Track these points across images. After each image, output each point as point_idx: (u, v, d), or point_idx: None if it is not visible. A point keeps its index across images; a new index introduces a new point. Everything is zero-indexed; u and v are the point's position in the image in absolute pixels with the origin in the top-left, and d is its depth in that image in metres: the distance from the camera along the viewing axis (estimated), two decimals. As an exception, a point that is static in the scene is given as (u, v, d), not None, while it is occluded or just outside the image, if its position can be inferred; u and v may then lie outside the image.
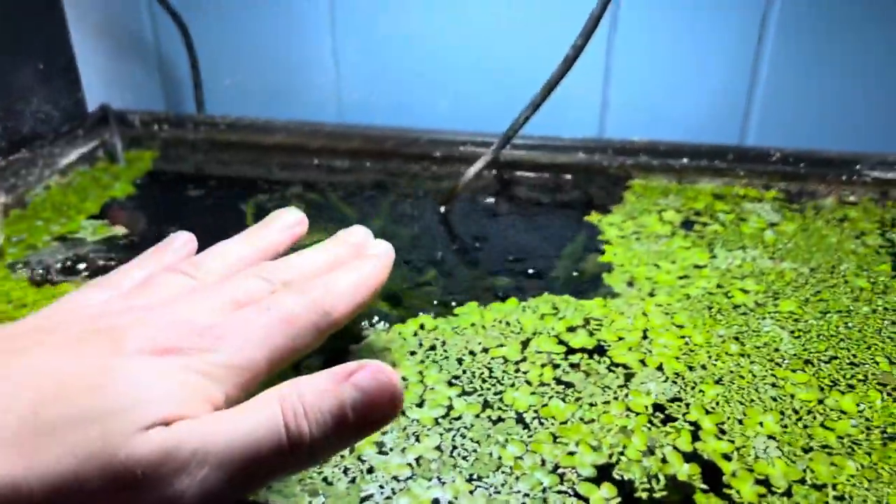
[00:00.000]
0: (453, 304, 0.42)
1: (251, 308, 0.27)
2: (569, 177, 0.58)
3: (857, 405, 0.35)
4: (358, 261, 0.31)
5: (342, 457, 0.31)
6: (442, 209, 0.54)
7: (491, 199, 0.56)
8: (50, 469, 0.20)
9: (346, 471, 0.30)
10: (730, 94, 0.61)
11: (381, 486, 0.30)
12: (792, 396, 0.35)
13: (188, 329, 0.25)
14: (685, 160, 0.56)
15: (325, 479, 0.30)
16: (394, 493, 0.29)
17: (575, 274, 0.46)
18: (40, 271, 0.45)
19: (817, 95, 0.59)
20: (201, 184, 0.58)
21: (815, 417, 0.34)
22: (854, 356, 0.38)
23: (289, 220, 0.34)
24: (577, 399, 0.35)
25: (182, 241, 0.33)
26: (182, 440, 0.21)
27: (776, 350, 0.38)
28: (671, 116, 0.62)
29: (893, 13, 0.56)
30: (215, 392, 0.24)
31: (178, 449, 0.21)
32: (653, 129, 0.62)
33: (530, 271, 0.46)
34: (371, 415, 0.24)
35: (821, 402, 0.35)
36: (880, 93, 0.58)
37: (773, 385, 0.36)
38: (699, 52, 0.60)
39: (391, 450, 0.31)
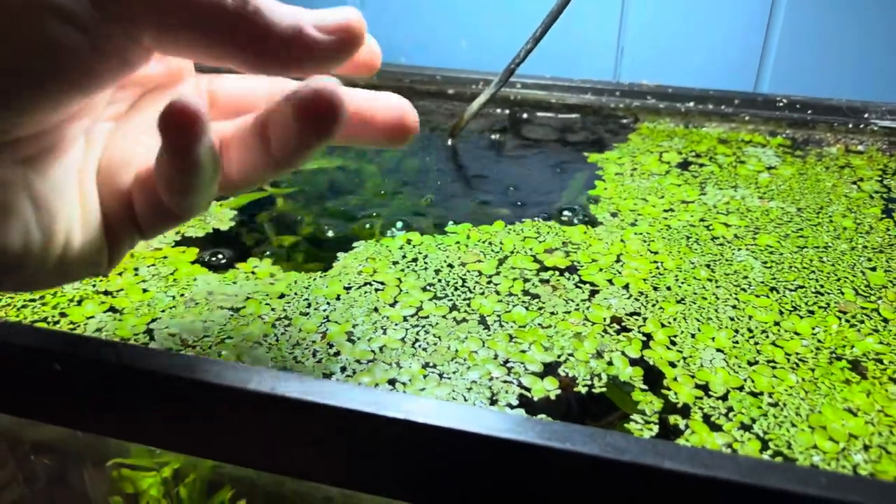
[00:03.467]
0: (445, 225, 0.45)
1: None
2: (577, 117, 0.59)
3: (813, 328, 0.36)
4: None
5: (313, 341, 0.34)
6: (449, 142, 0.56)
7: (499, 136, 0.58)
8: None
9: (314, 353, 0.33)
10: (746, 41, 0.61)
11: (344, 368, 0.33)
12: (750, 318, 0.37)
13: None
14: (692, 104, 0.57)
15: (294, 359, 0.33)
16: (354, 372, 0.32)
17: (567, 205, 0.47)
18: None
19: (833, 43, 0.59)
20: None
21: (767, 336, 0.35)
22: (821, 286, 0.39)
23: None
24: (540, 308, 0.37)
25: None
26: None
27: (745, 277, 0.40)
28: (686, 62, 0.63)
29: (918, -39, 0.55)
30: None
31: None
32: (668, 74, 0.62)
33: (524, 201, 0.48)
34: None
35: (777, 323, 0.36)
36: (899, 43, 0.58)
37: (734, 307, 0.37)
38: (716, -2, 0.60)
39: (358, 339, 0.34)
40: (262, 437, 0.28)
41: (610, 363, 0.33)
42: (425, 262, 0.41)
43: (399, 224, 0.45)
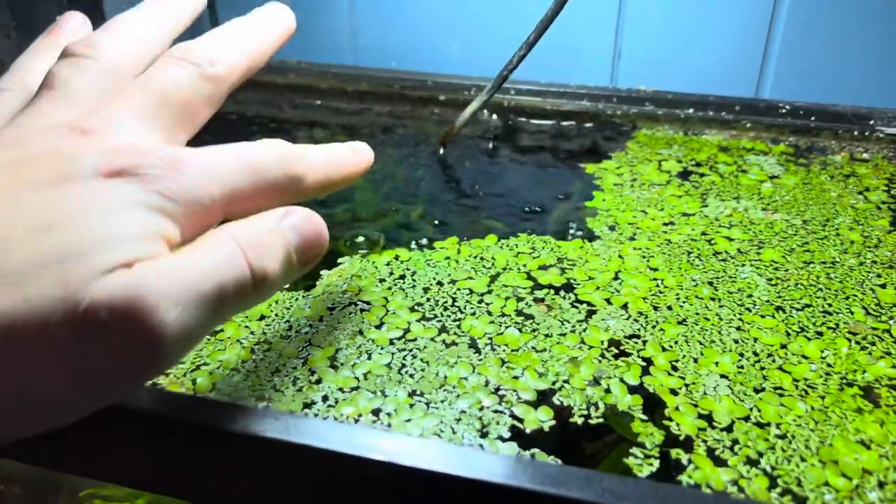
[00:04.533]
0: (436, 239, 0.43)
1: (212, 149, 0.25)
2: (573, 124, 0.57)
3: (822, 351, 0.34)
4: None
5: (294, 368, 0.32)
6: (441, 150, 0.54)
7: (493, 144, 0.56)
8: (5, 316, 0.18)
9: (294, 380, 0.31)
10: (747, 45, 0.59)
11: (326, 397, 0.31)
12: (755, 340, 0.35)
13: (144, 153, 0.22)
14: (691, 110, 0.55)
15: (273, 387, 0.31)
16: (336, 402, 0.30)
17: (562, 218, 0.46)
18: None
19: (837, 47, 0.57)
20: (216, 119, 0.60)
21: (774, 360, 0.33)
22: (829, 305, 0.37)
23: None
24: (534, 330, 0.35)
25: (76, 22, 0.29)
26: (147, 282, 0.20)
27: (749, 296, 0.38)
28: (685, 67, 0.61)
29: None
30: (171, 229, 0.22)
31: (144, 291, 0.20)
32: (666, 79, 0.61)
33: (518, 214, 0.46)
34: (307, 256, 0.25)
35: (784, 346, 0.34)
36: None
37: (738, 328, 0.36)
38: (715, 1, 0.58)
39: (342, 364, 0.32)
40: (235, 478, 0.26)
41: (608, 391, 0.31)
42: (413, 280, 0.39)
43: (386, 238, 0.43)
